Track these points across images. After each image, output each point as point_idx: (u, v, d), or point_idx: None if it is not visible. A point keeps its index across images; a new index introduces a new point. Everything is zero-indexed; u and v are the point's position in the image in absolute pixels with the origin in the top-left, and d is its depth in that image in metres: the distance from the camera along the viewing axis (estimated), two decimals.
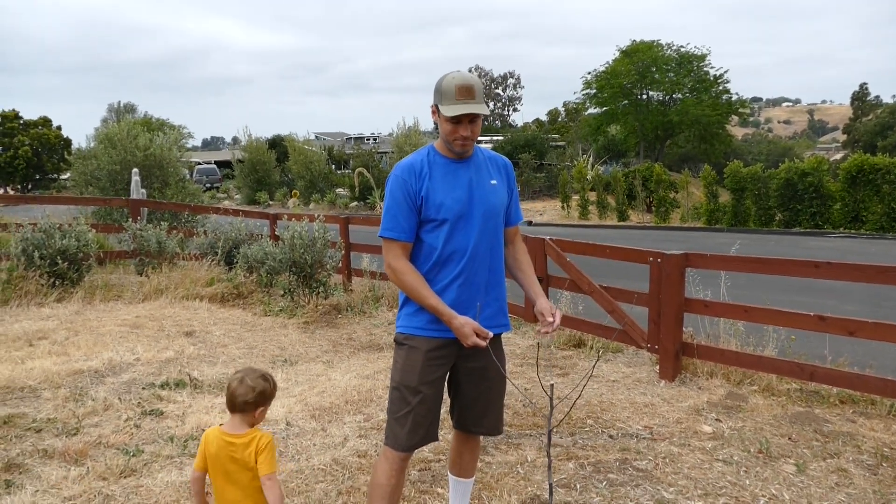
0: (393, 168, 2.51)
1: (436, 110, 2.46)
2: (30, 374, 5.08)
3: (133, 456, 3.68)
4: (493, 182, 2.56)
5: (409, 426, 2.46)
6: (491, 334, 2.40)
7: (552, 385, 2.35)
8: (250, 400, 2.35)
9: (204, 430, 3.99)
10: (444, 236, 2.46)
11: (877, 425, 4.13)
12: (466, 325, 2.37)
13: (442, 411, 2.66)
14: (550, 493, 2.43)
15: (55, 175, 42.16)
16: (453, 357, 2.52)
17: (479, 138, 2.57)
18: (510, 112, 76.94)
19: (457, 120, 2.39)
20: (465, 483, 2.85)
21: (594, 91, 40.68)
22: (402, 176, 2.46)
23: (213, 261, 9.08)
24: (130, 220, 10.11)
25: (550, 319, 2.47)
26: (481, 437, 2.86)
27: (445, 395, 2.62)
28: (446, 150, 2.51)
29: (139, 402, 4.58)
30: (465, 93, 2.38)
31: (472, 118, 2.41)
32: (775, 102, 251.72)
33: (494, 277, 2.55)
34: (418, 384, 2.46)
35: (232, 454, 2.33)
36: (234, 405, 2.37)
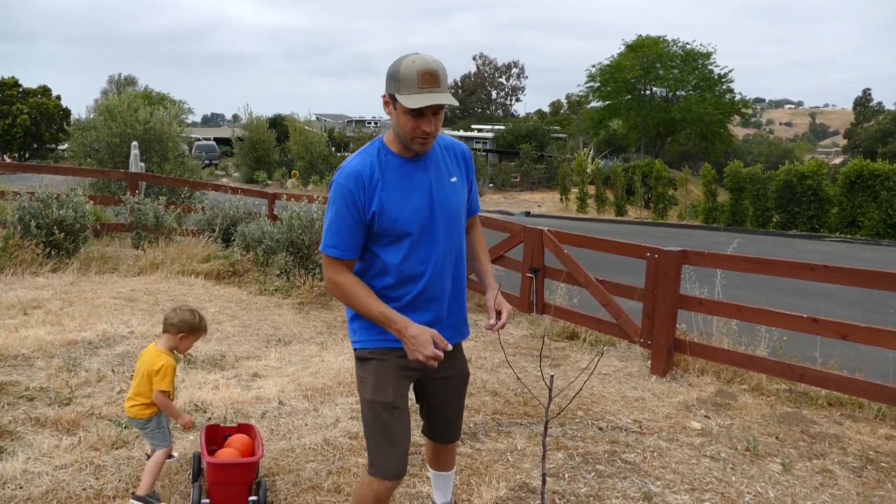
0: (336, 171, 2.17)
1: (390, 100, 2.09)
2: (23, 342, 5.08)
3: (125, 428, 3.69)
4: (454, 180, 2.27)
5: (397, 450, 2.23)
6: (450, 346, 2.14)
7: (552, 376, 2.35)
8: (173, 322, 2.94)
9: (196, 406, 4.03)
10: (404, 252, 2.18)
11: (863, 428, 4.17)
12: (426, 333, 2.09)
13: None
14: (543, 482, 2.46)
15: (53, 145, 41.89)
16: (420, 368, 2.27)
17: (480, 127, 2.48)
18: (512, 102, 76.74)
19: (419, 112, 2.03)
20: (446, 475, 2.76)
21: (598, 84, 40.63)
22: (348, 186, 2.11)
23: (210, 237, 9.08)
24: (128, 193, 10.09)
25: (504, 320, 2.25)
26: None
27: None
28: (400, 148, 2.16)
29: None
30: (430, 80, 2.00)
31: (436, 110, 2.06)
32: (778, 104, 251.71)
33: (456, 286, 2.34)
34: (394, 399, 2.22)
35: (150, 364, 2.92)
36: (163, 325, 3.01)
